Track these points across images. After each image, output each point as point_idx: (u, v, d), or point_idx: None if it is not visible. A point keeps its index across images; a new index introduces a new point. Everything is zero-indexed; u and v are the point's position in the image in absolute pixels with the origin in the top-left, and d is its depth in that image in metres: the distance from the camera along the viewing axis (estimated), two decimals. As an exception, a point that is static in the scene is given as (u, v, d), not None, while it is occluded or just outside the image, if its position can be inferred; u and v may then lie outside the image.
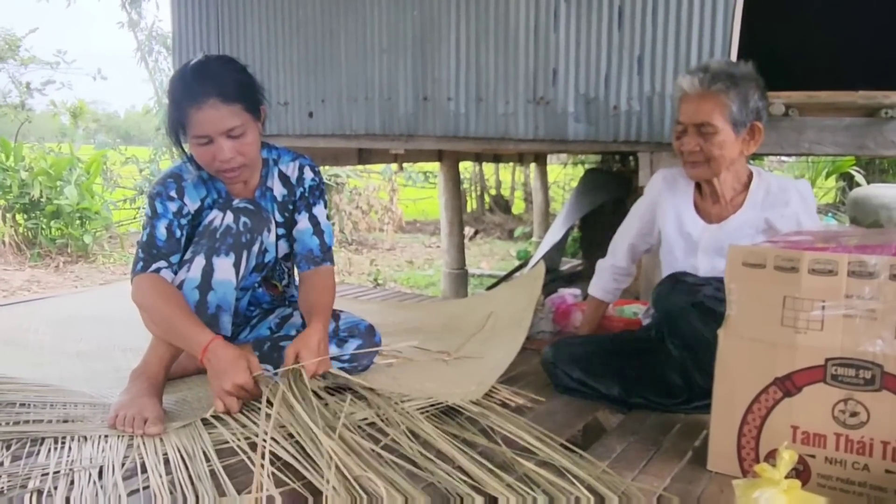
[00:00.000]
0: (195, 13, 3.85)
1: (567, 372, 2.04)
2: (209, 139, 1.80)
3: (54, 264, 7.07)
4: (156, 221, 1.89)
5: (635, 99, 2.76)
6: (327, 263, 2.08)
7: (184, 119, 1.79)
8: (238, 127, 1.81)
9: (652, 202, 2.16)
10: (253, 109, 1.86)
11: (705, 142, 1.91)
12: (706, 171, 1.95)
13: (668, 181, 2.12)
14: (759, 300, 1.42)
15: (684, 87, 1.93)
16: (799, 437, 1.40)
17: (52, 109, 10.28)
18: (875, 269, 1.32)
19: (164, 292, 1.81)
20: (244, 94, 1.84)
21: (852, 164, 8.57)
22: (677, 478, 1.50)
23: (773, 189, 1.98)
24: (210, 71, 1.81)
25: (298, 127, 3.63)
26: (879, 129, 2.52)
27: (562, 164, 9.83)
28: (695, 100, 1.90)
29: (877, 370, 1.33)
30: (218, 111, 1.77)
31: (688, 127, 1.92)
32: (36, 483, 1.36)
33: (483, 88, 3.09)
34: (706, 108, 1.89)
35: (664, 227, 2.09)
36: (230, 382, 1.67)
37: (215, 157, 1.82)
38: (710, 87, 1.88)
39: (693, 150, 1.92)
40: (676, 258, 2.06)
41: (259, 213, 1.94)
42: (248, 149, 1.86)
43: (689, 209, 2.05)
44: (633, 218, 2.25)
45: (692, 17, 2.62)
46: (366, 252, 8.57)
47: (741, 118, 1.90)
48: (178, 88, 1.81)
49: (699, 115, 1.90)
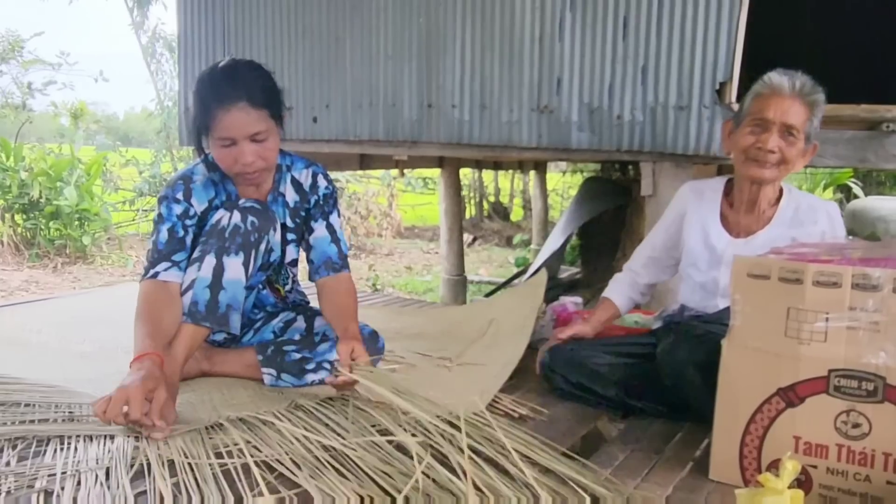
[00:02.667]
0: (201, 17, 3.87)
1: (565, 376, 2.05)
2: (233, 142, 1.82)
3: (52, 265, 7.06)
4: (160, 226, 1.92)
5: (639, 109, 2.78)
6: (346, 270, 2.10)
7: (209, 120, 1.80)
8: (263, 132, 1.83)
9: (679, 213, 2.10)
10: (277, 116, 1.88)
11: (787, 145, 1.86)
12: (773, 174, 1.89)
13: (696, 192, 2.08)
14: (763, 311, 1.43)
15: (781, 84, 1.85)
16: (801, 448, 1.41)
17: (53, 110, 10.29)
18: (879, 282, 1.34)
19: (145, 299, 1.83)
20: (271, 100, 1.86)
21: (850, 176, 8.61)
22: (679, 486, 1.51)
23: (803, 207, 1.95)
24: (240, 74, 1.83)
25: (302, 131, 3.64)
26: (881, 142, 2.54)
27: (561, 172, 9.86)
28: (788, 101, 1.84)
29: (879, 382, 1.34)
30: (247, 115, 1.79)
31: (772, 125, 1.84)
32: (43, 483, 1.36)
33: (487, 96, 3.10)
34: (798, 111, 1.84)
35: (689, 238, 2.05)
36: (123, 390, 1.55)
37: (237, 160, 1.84)
38: (808, 94, 1.84)
39: (773, 149, 1.85)
40: (699, 270, 2.03)
41: (265, 212, 1.95)
42: (269, 154, 1.88)
43: (715, 222, 2.02)
44: (659, 229, 2.18)
45: (696, 28, 2.64)
46: (364, 257, 8.58)
47: (812, 134, 1.88)
48: (207, 89, 1.82)
49: (790, 116, 1.83)
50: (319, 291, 2.08)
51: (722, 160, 2.72)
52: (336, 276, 2.07)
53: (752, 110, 1.89)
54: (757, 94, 1.89)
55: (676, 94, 2.69)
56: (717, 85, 2.62)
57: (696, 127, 2.67)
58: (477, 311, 3.03)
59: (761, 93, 1.88)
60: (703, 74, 2.64)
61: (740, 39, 2.59)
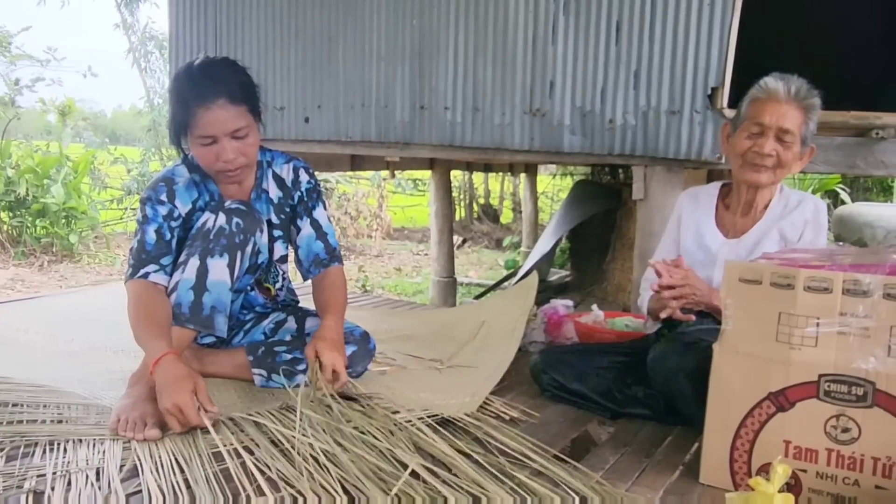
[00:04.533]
0: (193, 16, 3.85)
1: (556, 378, 2.06)
2: (214, 139, 1.81)
3: (38, 263, 7.00)
4: (146, 226, 1.90)
5: (631, 113, 2.79)
6: (335, 264, 2.10)
7: (189, 118, 1.80)
8: (244, 128, 1.83)
9: (677, 218, 2.15)
10: (255, 112, 1.89)
11: (783, 149, 1.89)
12: (770, 177, 1.92)
13: (692, 197, 2.13)
14: (754, 316, 1.44)
15: (777, 89, 1.88)
16: (791, 452, 1.42)
17: (41, 107, 10.19)
18: (869, 288, 1.35)
19: (139, 299, 1.82)
20: (249, 95, 1.87)
21: (838, 182, 8.68)
22: (669, 490, 1.52)
23: (792, 201, 1.99)
24: (217, 72, 1.83)
25: (294, 132, 3.63)
26: (870, 148, 2.56)
27: (551, 175, 9.87)
28: (784, 105, 1.87)
29: (869, 387, 1.35)
30: (227, 112, 1.79)
31: (768, 130, 1.87)
32: (32, 484, 1.35)
33: (480, 99, 3.10)
34: (794, 116, 1.87)
35: (684, 239, 2.10)
36: (170, 401, 1.60)
37: (218, 158, 1.83)
38: (803, 98, 1.87)
39: (770, 153, 1.88)
40: (694, 270, 2.08)
41: (251, 214, 1.95)
42: (250, 150, 1.89)
43: (709, 223, 2.06)
44: (667, 238, 2.21)
45: (689, 33, 2.65)
46: (354, 258, 8.55)
47: (808, 138, 1.91)
48: (186, 87, 1.81)
49: (786, 120, 1.86)
50: (313, 289, 2.09)
51: (713, 165, 2.73)
52: (325, 271, 2.08)
53: (748, 115, 1.92)
54: (753, 98, 1.92)
55: (668, 99, 2.70)
56: (708, 90, 2.64)
57: (687, 131, 2.68)
58: (468, 313, 3.03)
59: (758, 97, 1.91)
60: (695, 79, 2.65)
61: (732, 45, 2.60)
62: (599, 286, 4.88)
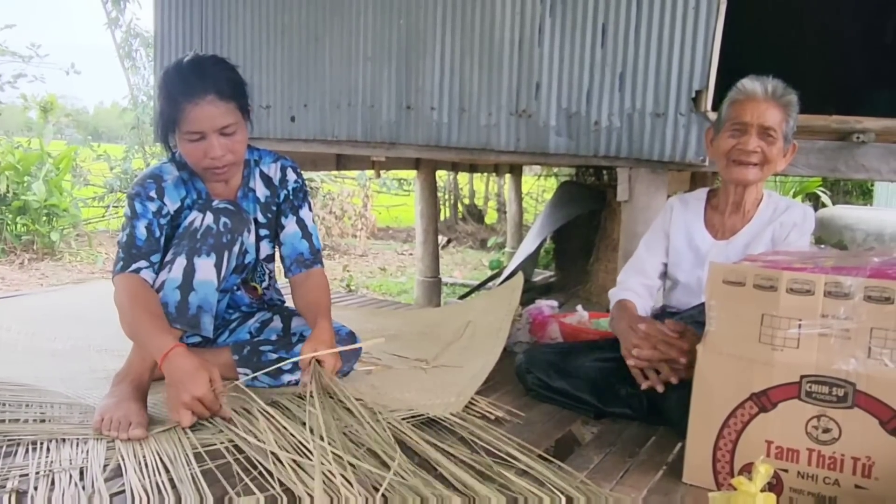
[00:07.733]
0: (179, 14, 3.83)
1: (540, 377, 2.07)
2: (202, 135, 1.81)
3: (19, 261, 6.93)
4: (135, 221, 1.88)
5: (616, 115, 2.81)
6: (318, 265, 2.10)
7: (178, 114, 1.79)
8: (232, 125, 1.83)
9: (663, 223, 2.16)
10: (244, 109, 1.88)
11: (767, 145, 1.92)
12: (756, 174, 1.96)
13: (682, 201, 2.17)
14: (738, 317, 1.46)
15: (754, 89, 1.92)
16: (773, 452, 1.44)
17: (23, 103, 10.08)
18: (850, 290, 1.37)
19: (136, 294, 1.79)
20: (238, 92, 1.86)
21: (818, 185, 8.78)
22: (653, 490, 1.53)
23: (780, 206, 2.04)
24: (207, 68, 1.83)
25: (280, 130, 3.62)
26: (851, 152, 2.60)
27: (535, 176, 9.90)
28: (763, 104, 1.91)
29: (849, 388, 1.37)
30: (216, 108, 1.79)
31: (750, 128, 1.91)
32: (14, 483, 1.34)
33: (466, 99, 3.11)
34: (774, 113, 1.90)
35: (674, 240, 2.13)
36: (188, 394, 1.61)
37: (206, 154, 1.83)
38: (780, 97, 1.91)
39: (754, 150, 1.92)
40: (683, 270, 2.11)
41: (239, 214, 1.94)
42: (238, 147, 1.88)
43: (699, 225, 2.10)
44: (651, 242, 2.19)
45: (674, 37, 2.67)
46: (338, 258, 8.54)
47: (789, 135, 1.95)
48: (175, 84, 1.80)
49: (766, 118, 1.90)
50: (292, 288, 2.09)
51: (696, 167, 2.76)
52: (308, 272, 2.08)
53: (729, 116, 1.96)
54: (732, 100, 1.97)
55: (653, 102, 2.73)
56: (693, 93, 2.66)
57: (672, 134, 2.70)
58: (453, 313, 3.04)
59: (737, 99, 1.95)
60: (680, 82, 2.68)
61: (716, 48, 2.63)
62: (584, 287, 4.90)
